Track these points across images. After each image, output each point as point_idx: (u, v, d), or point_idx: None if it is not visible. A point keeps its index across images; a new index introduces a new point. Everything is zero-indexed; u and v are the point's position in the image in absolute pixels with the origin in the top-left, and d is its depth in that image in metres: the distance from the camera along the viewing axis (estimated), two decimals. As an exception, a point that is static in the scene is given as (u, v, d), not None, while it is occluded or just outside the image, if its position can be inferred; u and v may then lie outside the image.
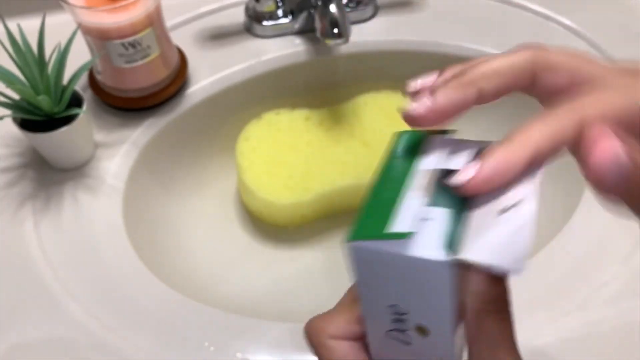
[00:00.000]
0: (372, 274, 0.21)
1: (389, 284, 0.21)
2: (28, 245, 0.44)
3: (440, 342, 0.21)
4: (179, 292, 0.43)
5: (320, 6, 0.51)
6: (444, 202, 0.21)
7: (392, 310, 0.21)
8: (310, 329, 0.24)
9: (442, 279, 0.19)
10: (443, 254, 0.19)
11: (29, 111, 0.44)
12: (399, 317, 0.21)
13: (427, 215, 0.20)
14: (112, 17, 0.45)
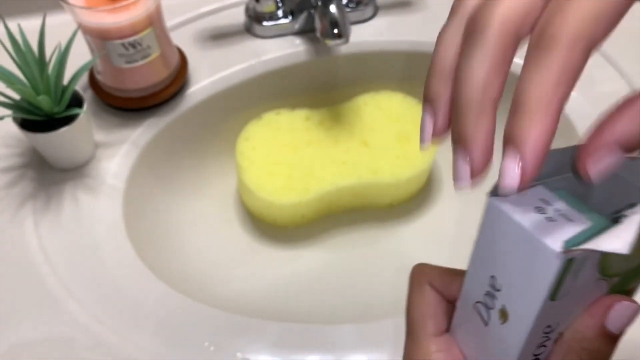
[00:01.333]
0: (494, 237, 0.21)
1: (502, 253, 0.21)
2: (28, 245, 0.44)
3: (513, 337, 0.21)
4: (179, 291, 0.43)
5: (320, 6, 0.51)
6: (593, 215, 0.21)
7: (491, 282, 0.21)
8: (417, 268, 0.25)
9: (549, 270, 0.19)
10: (560, 246, 0.19)
11: (29, 111, 0.44)
12: (492, 292, 0.21)
13: (574, 217, 0.20)
14: (112, 17, 0.45)
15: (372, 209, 0.56)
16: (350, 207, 0.56)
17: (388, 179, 0.52)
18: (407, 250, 0.55)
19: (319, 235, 0.55)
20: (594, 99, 0.52)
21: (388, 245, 0.55)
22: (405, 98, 0.56)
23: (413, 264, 0.26)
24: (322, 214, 0.55)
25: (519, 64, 0.18)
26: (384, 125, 0.55)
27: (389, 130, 0.54)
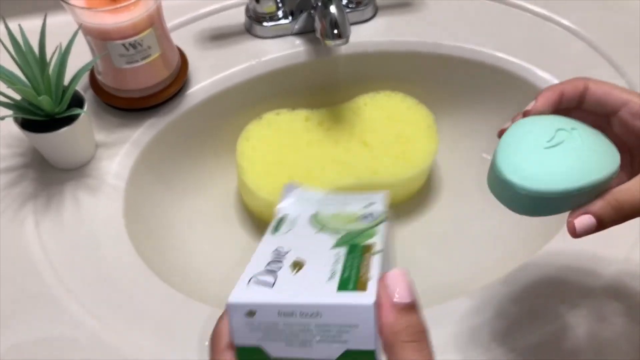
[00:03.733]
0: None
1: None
2: (29, 245, 0.44)
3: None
4: (180, 291, 0.43)
5: (320, 7, 0.51)
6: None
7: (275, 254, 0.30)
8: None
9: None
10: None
11: (30, 111, 0.44)
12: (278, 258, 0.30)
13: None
14: (113, 17, 0.45)
15: (372, 208, 0.56)
16: (350, 207, 0.56)
17: (388, 178, 0.52)
18: (407, 250, 0.55)
19: (319, 235, 0.55)
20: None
21: (388, 245, 0.55)
22: (405, 98, 0.57)
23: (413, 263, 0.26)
24: (322, 214, 0.55)
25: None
26: (384, 126, 0.55)
27: (389, 131, 0.55)
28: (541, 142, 0.31)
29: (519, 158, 0.31)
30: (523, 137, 0.32)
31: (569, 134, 0.31)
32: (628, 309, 0.41)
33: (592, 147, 0.31)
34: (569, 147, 0.31)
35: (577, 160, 0.30)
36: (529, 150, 0.31)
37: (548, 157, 0.30)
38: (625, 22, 0.58)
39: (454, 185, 0.58)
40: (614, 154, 0.31)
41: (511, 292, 0.42)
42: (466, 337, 0.40)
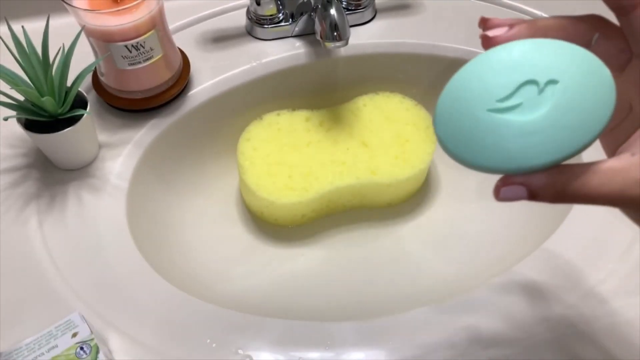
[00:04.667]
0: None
1: None
2: (32, 245, 0.44)
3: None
4: (182, 289, 0.43)
5: (320, 9, 0.52)
6: None
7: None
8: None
9: None
10: None
11: (34, 112, 0.45)
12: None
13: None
14: (115, 19, 0.45)
15: (371, 208, 0.57)
16: (350, 207, 0.56)
17: (387, 178, 0.52)
18: (406, 249, 0.55)
19: (319, 234, 0.56)
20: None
21: (387, 244, 0.55)
22: (404, 99, 0.57)
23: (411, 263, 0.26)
24: (322, 214, 0.55)
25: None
26: (383, 126, 0.55)
27: (388, 131, 0.55)
28: (489, 100, 0.23)
29: (456, 118, 0.24)
30: (469, 87, 0.24)
31: (540, 91, 0.23)
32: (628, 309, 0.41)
33: (568, 111, 0.23)
34: (530, 115, 0.23)
35: (534, 136, 0.22)
36: (470, 111, 0.23)
37: (491, 127, 0.23)
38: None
39: (452, 186, 0.59)
40: (602, 113, 0.23)
41: (510, 292, 0.42)
42: (464, 336, 0.40)
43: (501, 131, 0.23)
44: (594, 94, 0.23)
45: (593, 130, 0.22)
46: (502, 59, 0.24)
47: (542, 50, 0.23)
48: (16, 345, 0.38)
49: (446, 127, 0.24)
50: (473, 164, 0.23)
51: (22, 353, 0.37)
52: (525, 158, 0.23)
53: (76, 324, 0.39)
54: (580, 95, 0.23)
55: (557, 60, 0.23)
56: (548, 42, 0.24)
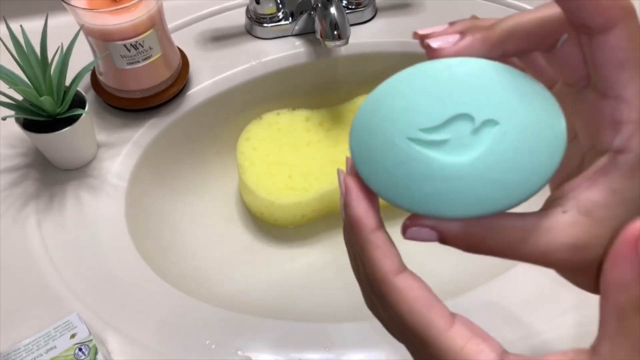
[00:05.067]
0: None
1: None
2: (31, 245, 0.44)
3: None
4: (181, 290, 0.43)
5: (320, 8, 0.51)
6: None
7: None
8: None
9: None
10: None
11: (32, 112, 0.44)
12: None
13: None
14: (114, 18, 0.45)
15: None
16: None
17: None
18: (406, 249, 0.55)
19: (319, 234, 0.56)
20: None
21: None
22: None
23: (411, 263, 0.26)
24: (322, 214, 0.55)
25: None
26: (384, 126, 0.55)
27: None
28: (412, 127, 0.19)
29: (371, 139, 0.20)
30: (392, 105, 0.19)
31: (474, 130, 0.19)
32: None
33: (501, 162, 0.19)
34: (456, 156, 0.19)
35: (455, 182, 0.19)
36: (388, 134, 0.19)
37: (407, 159, 0.19)
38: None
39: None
40: (540, 172, 0.19)
41: (509, 292, 0.42)
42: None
43: (418, 167, 0.19)
44: (536, 149, 0.19)
45: (526, 190, 0.19)
46: (438, 79, 0.19)
47: (489, 80, 0.19)
48: (14, 346, 0.38)
49: (360, 146, 0.20)
50: (381, 196, 0.20)
51: (20, 354, 0.37)
52: (440, 206, 0.19)
53: (75, 324, 0.39)
54: (520, 146, 0.19)
55: (504, 97, 0.19)
56: (501, 69, 0.19)
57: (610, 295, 0.19)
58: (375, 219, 0.21)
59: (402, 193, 0.20)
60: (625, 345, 0.18)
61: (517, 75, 0.19)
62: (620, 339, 0.18)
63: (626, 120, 0.19)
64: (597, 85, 0.20)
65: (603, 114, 0.19)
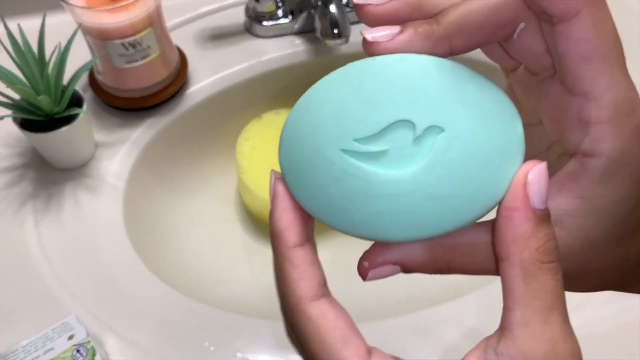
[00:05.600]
0: None
1: None
2: (29, 245, 0.44)
3: None
4: (179, 291, 0.43)
5: (320, 6, 0.51)
6: None
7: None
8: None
9: None
10: None
11: (30, 111, 0.44)
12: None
13: None
14: (112, 17, 0.45)
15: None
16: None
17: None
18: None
19: (318, 235, 0.55)
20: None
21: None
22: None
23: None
24: (322, 214, 0.55)
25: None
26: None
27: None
28: (345, 136, 0.17)
29: (301, 151, 0.17)
30: (323, 111, 0.17)
31: (416, 138, 0.16)
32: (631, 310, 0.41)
33: (447, 174, 0.16)
34: (397, 169, 0.16)
35: (396, 200, 0.16)
36: (319, 145, 0.17)
37: (341, 174, 0.17)
38: (626, 22, 0.57)
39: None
40: (495, 185, 0.17)
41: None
42: (465, 338, 0.40)
43: (355, 184, 0.16)
44: (489, 158, 0.16)
45: (478, 207, 0.16)
46: (373, 81, 0.17)
47: (433, 80, 0.16)
48: (12, 348, 0.38)
49: (290, 162, 0.18)
50: (316, 217, 0.18)
51: (18, 355, 0.37)
52: (382, 229, 0.17)
53: (72, 326, 0.38)
54: (469, 156, 0.16)
55: (450, 100, 0.16)
56: (446, 68, 0.17)
57: (512, 257, 0.17)
58: (298, 233, 0.19)
59: (338, 214, 0.17)
60: (535, 305, 0.17)
61: (466, 74, 0.17)
62: (529, 299, 0.17)
63: (595, 121, 0.17)
64: (563, 79, 0.18)
65: (569, 111, 0.18)
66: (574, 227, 0.18)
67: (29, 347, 0.38)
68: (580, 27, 0.16)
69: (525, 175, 0.17)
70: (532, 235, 0.17)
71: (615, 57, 0.17)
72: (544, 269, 0.17)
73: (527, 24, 0.18)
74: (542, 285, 0.17)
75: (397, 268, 0.19)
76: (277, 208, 0.19)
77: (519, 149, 0.17)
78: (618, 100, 0.17)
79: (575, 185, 0.18)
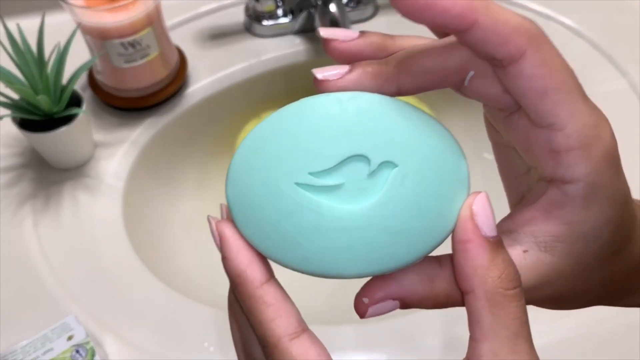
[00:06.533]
0: None
1: None
2: (28, 245, 0.44)
3: None
4: (178, 291, 0.43)
5: (320, 6, 0.51)
6: None
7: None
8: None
9: None
10: None
11: (29, 111, 0.44)
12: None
13: None
14: (111, 16, 0.45)
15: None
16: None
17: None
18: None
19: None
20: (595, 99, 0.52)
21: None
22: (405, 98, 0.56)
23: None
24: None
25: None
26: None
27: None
28: (300, 169, 0.17)
29: (252, 183, 0.18)
30: (279, 144, 0.17)
31: (371, 173, 0.17)
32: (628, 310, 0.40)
33: (400, 209, 0.17)
34: (352, 203, 0.17)
35: (350, 233, 0.17)
36: (272, 178, 0.17)
37: (296, 208, 0.17)
38: (626, 22, 0.57)
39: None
40: (444, 220, 0.17)
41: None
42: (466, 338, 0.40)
43: (309, 217, 0.17)
44: (440, 192, 0.17)
45: (431, 240, 0.17)
46: (328, 116, 0.17)
47: (386, 117, 0.17)
48: (11, 348, 0.37)
49: (238, 195, 0.18)
50: (266, 254, 0.18)
51: (17, 356, 0.37)
52: (337, 264, 0.17)
53: (72, 326, 0.38)
54: (422, 190, 0.17)
55: (402, 137, 0.17)
56: (397, 106, 0.17)
57: (476, 289, 0.17)
58: (262, 269, 0.18)
59: (291, 250, 0.17)
60: (502, 335, 0.17)
61: (416, 113, 0.18)
62: (497, 330, 0.17)
63: (564, 149, 0.18)
64: (527, 113, 0.18)
65: (539, 142, 0.18)
66: (564, 253, 0.19)
67: (28, 347, 0.38)
68: (529, 66, 0.17)
69: (469, 207, 0.17)
70: (491, 263, 0.17)
71: (570, 87, 0.18)
72: (509, 297, 0.17)
73: (480, 70, 0.18)
74: (508, 313, 0.17)
75: (397, 303, 0.18)
76: (231, 249, 0.18)
77: (465, 183, 0.18)
78: (582, 126, 0.18)
79: (560, 212, 0.18)
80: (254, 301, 0.18)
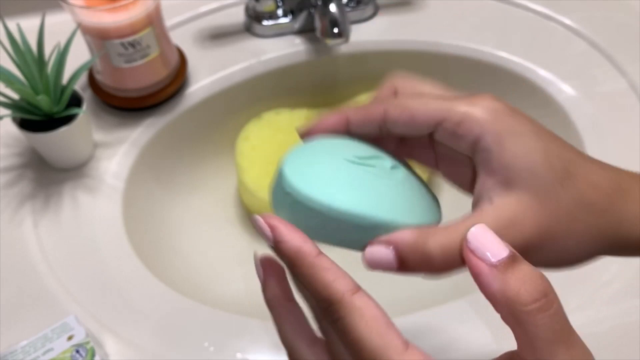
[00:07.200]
0: None
1: None
2: (27, 245, 0.44)
3: None
4: (179, 291, 0.43)
5: (320, 6, 0.51)
6: None
7: None
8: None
9: None
10: None
11: (29, 111, 0.44)
12: None
13: None
14: (111, 16, 0.45)
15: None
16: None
17: (388, 178, 0.52)
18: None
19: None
20: (595, 99, 0.52)
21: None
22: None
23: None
24: (322, 214, 0.55)
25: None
26: (384, 125, 0.55)
27: (389, 130, 0.54)
28: (347, 155, 0.25)
29: (315, 169, 0.24)
30: (322, 151, 0.25)
31: (388, 168, 0.26)
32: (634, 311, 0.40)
33: (412, 189, 0.26)
34: (382, 178, 0.25)
35: (390, 192, 0.24)
36: (330, 162, 0.24)
37: (353, 174, 0.24)
38: (626, 22, 0.57)
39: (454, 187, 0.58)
40: (435, 209, 0.27)
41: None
42: (469, 338, 0.40)
43: (367, 177, 0.24)
44: (425, 191, 0.28)
45: (434, 214, 0.27)
46: (337, 140, 0.28)
47: (375, 148, 0.29)
48: (11, 348, 0.37)
49: (300, 175, 0.23)
50: (319, 199, 0.23)
51: (17, 356, 0.37)
52: (369, 208, 0.23)
53: (72, 326, 0.38)
54: (418, 185, 0.28)
55: (389, 155, 0.28)
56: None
57: (501, 311, 0.19)
58: (314, 245, 0.22)
59: (343, 192, 0.23)
60: (537, 346, 0.19)
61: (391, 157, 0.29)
62: (531, 342, 0.19)
63: (458, 126, 0.24)
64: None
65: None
66: (517, 190, 0.23)
67: (28, 347, 0.38)
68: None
69: (467, 248, 0.20)
70: (504, 286, 0.19)
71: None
72: (533, 311, 0.19)
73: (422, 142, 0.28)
74: (536, 326, 0.19)
75: (391, 253, 0.22)
76: (285, 234, 0.22)
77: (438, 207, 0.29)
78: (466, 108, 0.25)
79: (492, 165, 0.24)
80: (315, 269, 0.21)
